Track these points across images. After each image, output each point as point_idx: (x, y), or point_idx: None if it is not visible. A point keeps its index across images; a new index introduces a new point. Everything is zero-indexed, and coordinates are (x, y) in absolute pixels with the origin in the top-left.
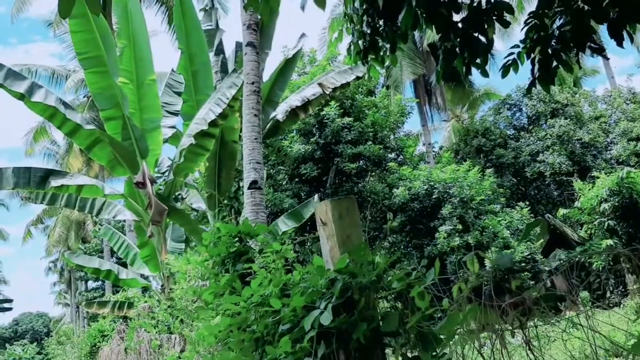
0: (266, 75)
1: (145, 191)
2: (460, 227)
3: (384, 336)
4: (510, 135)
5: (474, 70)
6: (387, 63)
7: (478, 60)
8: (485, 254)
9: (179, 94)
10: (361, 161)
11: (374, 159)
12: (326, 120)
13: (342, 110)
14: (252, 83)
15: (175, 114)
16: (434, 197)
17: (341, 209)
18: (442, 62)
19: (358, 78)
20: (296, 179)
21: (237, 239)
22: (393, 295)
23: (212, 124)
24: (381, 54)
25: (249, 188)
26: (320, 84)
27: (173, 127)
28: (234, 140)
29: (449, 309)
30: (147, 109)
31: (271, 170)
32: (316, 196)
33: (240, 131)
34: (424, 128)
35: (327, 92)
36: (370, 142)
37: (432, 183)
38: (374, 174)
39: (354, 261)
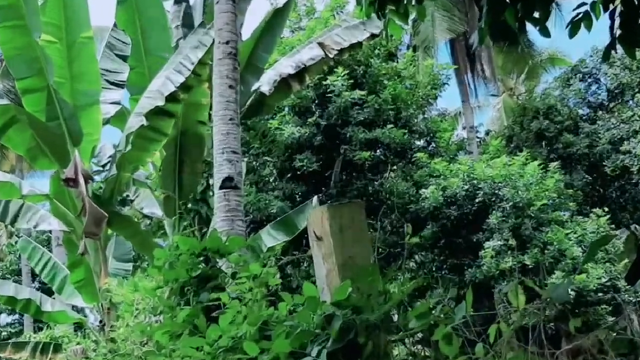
0: (246, 31)
1: (77, 191)
2: (513, 242)
3: None
4: (584, 116)
5: (531, 27)
6: (412, 16)
7: (536, 14)
8: (539, 280)
9: (124, 57)
10: (378, 150)
11: (395, 148)
12: (330, 94)
13: (351, 81)
14: (227, 42)
15: (119, 84)
16: (477, 200)
17: (343, 219)
18: (486, 15)
19: (373, 36)
20: (288, 175)
21: (202, 258)
22: (411, 338)
23: (171, 98)
24: (404, 2)
25: (221, 187)
26: (321, 44)
27: (116, 102)
28: (201, 120)
29: (483, 358)
30: (81, 78)
31: (253, 163)
32: (315, 198)
33: (211, 108)
34: (465, 105)
35: (331, 56)
36: (390, 125)
37: (475, 181)
38: (395, 167)
39: (358, 290)
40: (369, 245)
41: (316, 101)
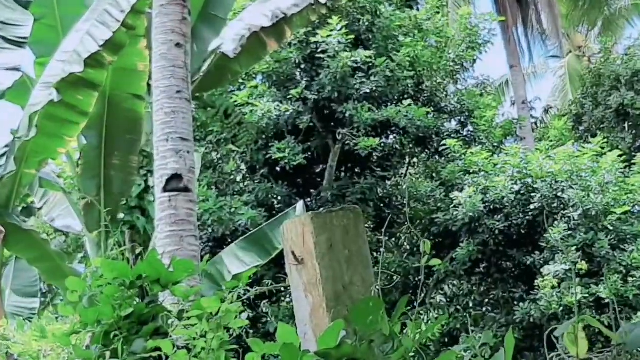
0: None
1: None
2: (583, 266)
3: None
4: None
5: None
6: None
7: None
8: (617, 320)
9: (24, 4)
10: (390, 136)
11: (415, 133)
12: (321, 56)
13: (352, 37)
14: None
15: (18, 42)
16: (532, 207)
17: (334, 233)
18: None
19: None
20: (262, 171)
21: (135, 290)
22: None
23: (94, 62)
24: None
25: (165, 189)
26: None
27: (15, 68)
28: (137, 94)
29: None
30: None
31: (212, 154)
32: (300, 204)
33: (150, 78)
34: (514, 72)
35: (324, 1)
36: (408, 100)
37: (529, 180)
38: (415, 161)
39: (355, 335)
40: (371, 269)
41: (302, 66)
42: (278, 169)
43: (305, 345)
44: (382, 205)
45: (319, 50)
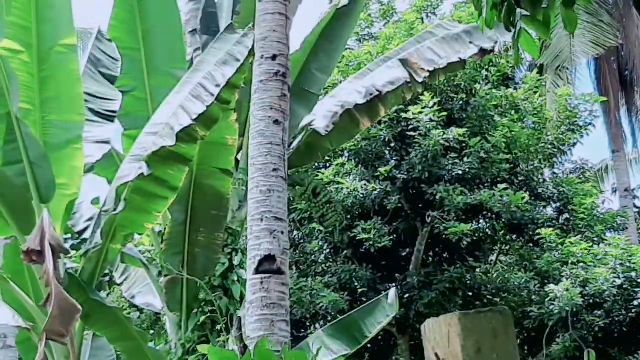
0: (294, 41)
1: (43, 268)
2: None
3: None
4: None
5: None
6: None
7: None
8: None
9: (110, 78)
10: (482, 221)
11: (509, 219)
12: (412, 134)
13: (444, 114)
14: (273, 57)
15: (107, 116)
16: (636, 302)
17: (482, 336)
18: None
19: (484, 53)
20: (345, 252)
21: None
22: None
23: (186, 136)
24: (544, 5)
25: (258, 271)
26: (404, 62)
27: (105, 141)
28: (224, 168)
29: None
30: (56, 104)
31: (294, 232)
32: (393, 291)
33: (238, 152)
34: (617, 157)
35: (420, 80)
36: (503, 184)
37: (633, 274)
38: (507, 248)
39: None
40: None
41: (391, 144)
42: (362, 250)
43: None
44: (470, 294)
45: (410, 128)
